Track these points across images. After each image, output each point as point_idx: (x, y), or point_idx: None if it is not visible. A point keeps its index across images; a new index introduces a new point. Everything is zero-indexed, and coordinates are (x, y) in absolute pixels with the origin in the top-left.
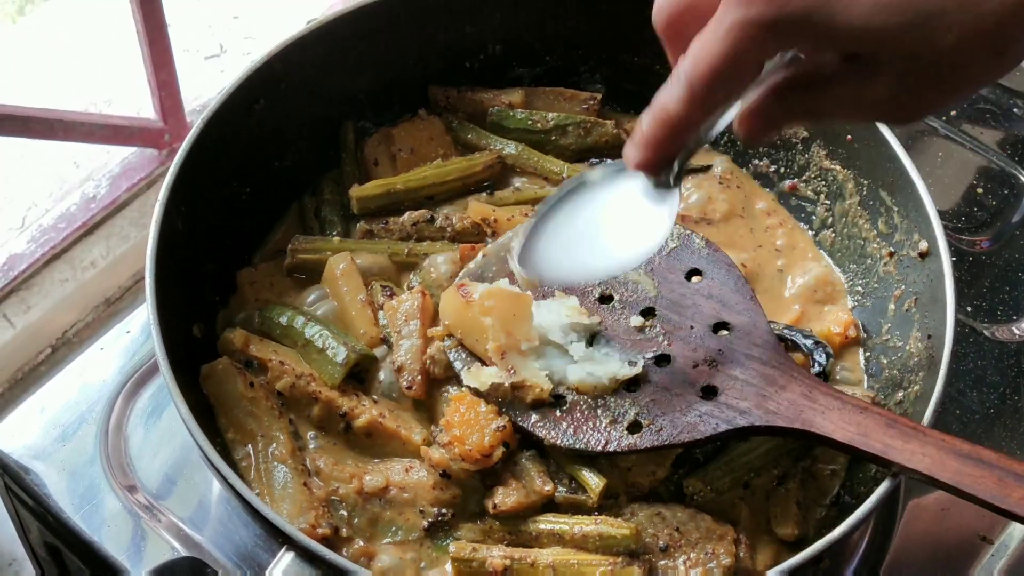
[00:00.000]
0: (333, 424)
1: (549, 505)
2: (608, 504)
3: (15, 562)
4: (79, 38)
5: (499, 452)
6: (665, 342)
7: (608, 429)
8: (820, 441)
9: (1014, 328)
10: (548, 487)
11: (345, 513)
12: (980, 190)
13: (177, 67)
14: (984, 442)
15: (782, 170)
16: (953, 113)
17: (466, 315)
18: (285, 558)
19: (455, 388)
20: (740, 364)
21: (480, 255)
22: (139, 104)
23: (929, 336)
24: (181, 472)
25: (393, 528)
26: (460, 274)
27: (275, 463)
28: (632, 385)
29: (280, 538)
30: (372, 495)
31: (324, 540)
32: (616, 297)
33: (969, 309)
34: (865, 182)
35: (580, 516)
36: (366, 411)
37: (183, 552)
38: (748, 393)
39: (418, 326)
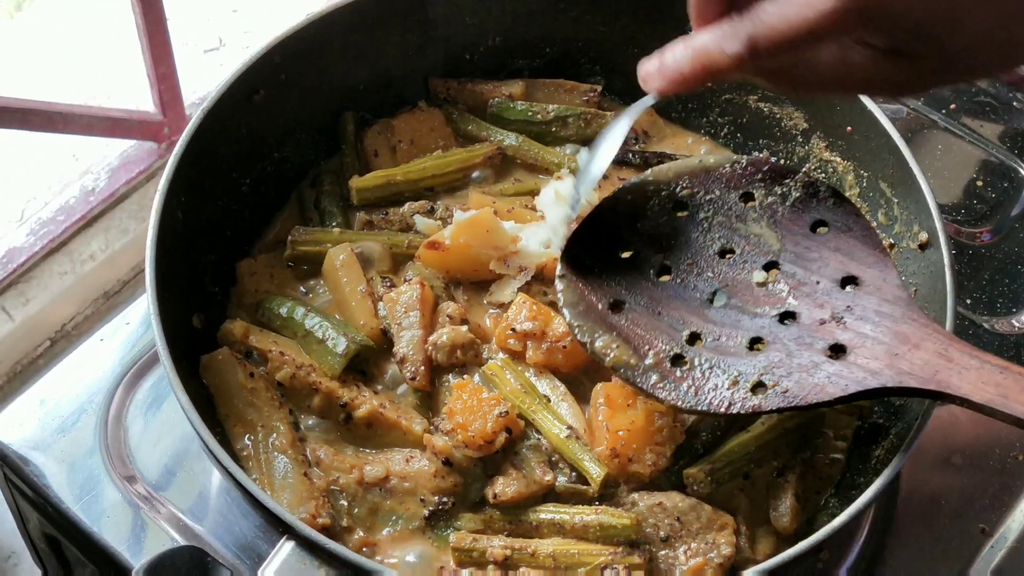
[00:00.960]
0: (333, 414)
1: (550, 495)
2: (609, 494)
3: (14, 554)
4: (78, 31)
5: (502, 438)
6: (790, 298)
7: (731, 390)
8: (955, 402)
9: (1013, 321)
10: (548, 477)
11: (345, 503)
12: (980, 183)
13: (176, 60)
14: None
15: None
16: (953, 106)
17: (453, 259)
18: (285, 547)
19: (456, 377)
20: (870, 321)
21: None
22: (138, 97)
23: None
24: (181, 463)
25: (393, 518)
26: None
27: (275, 453)
28: (755, 343)
29: (280, 527)
30: (372, 485)
31: (324, 530)
32: (737, 251)
33: (969, 302)
34: (865, 174)
35: (581, 506)
36: (366, 401)
37: (183, 543)
38: (879, 352)
39: (418, 317)
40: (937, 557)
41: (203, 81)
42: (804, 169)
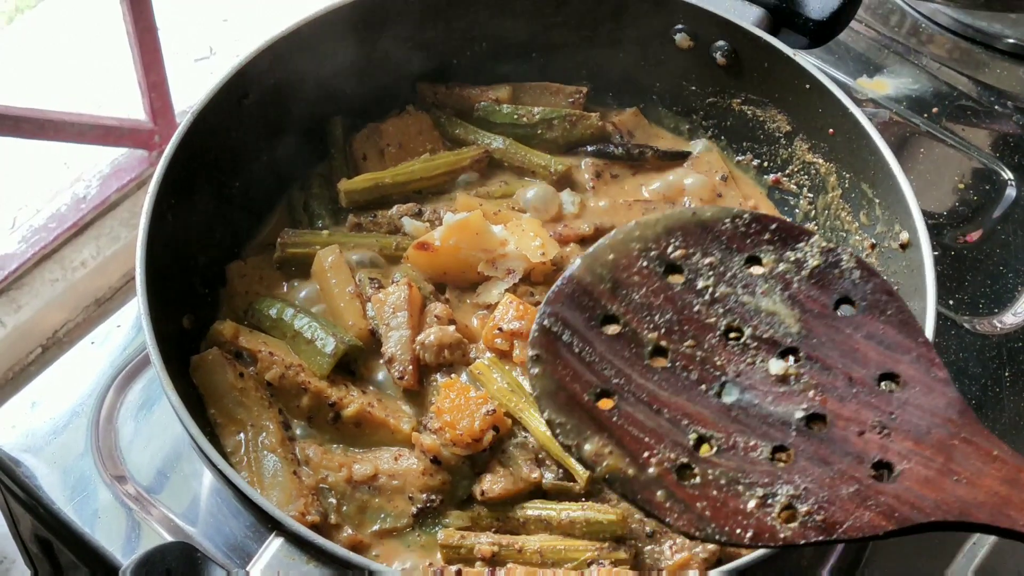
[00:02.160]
0: (322, 414)
1: (537, 492)
2: (595, 490)
3: (6, 559)
4: (71, 40)
5: (489, 436)
6: (817, 397)
7: (756, 514)
8: None
9: (995, 321)
10: (535, 474)
11: (334, 501)
12: (962, 186)
13: (167, 69)
14: None
15: (765, 164)
16: (935, 110)
17: (443, 260)
18: (274, 543)
19: (444, 376)
20: (919, 433)
21: None
22: (129, 106)
23: None
24: (171, 465)
25: (382, 515)
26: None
27: (265, 452)
28: (778, 451)
29: (269, 524)
30: (361, 483)
31: (313, 527)
32: (747, 332)
33: (951, 302)
34: (847, 175)
35: (567, 502)
36: (355, 401)
37: None
38: (932, 474)
39: (406, 317)
40: (919, 555)
41: (194, 90)
42: (818, 233)
